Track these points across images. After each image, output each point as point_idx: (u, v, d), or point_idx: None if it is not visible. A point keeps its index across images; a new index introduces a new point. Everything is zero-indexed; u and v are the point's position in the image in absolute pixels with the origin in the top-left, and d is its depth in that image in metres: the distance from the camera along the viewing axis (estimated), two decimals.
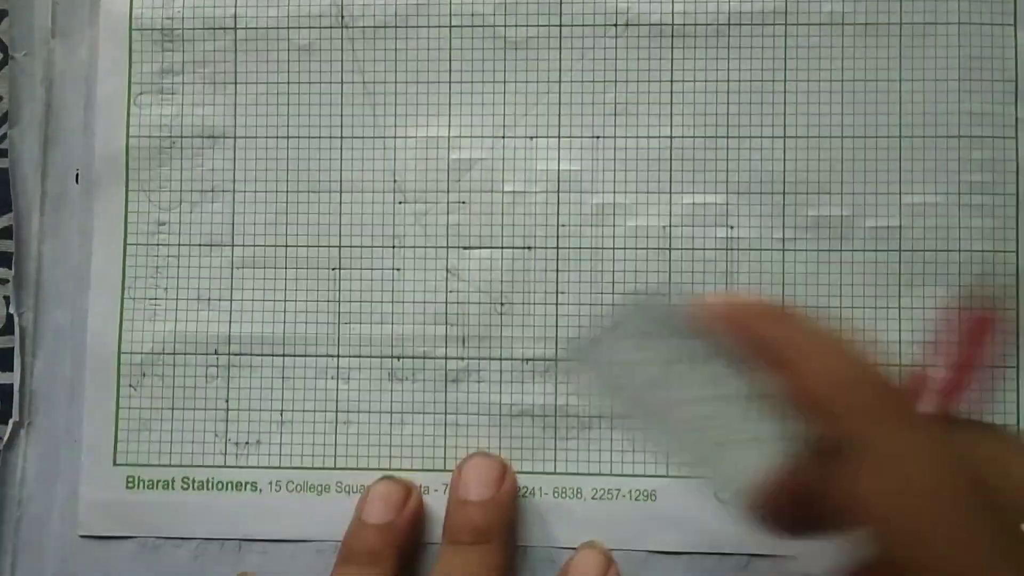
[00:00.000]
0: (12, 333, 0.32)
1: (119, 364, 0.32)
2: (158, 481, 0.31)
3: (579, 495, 0.30)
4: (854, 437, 0.19)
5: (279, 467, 0.31)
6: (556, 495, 0.30)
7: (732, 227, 0.30)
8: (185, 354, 0.32)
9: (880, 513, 0.18)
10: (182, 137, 0.32)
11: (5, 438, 0.32)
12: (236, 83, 0.32)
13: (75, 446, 0.32)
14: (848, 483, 0.18)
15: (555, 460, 0.30)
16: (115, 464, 0.32)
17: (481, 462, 0.30)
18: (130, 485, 0.32)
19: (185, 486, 0.31)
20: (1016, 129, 0.30)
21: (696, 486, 0.30)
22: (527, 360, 0.31)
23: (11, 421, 0.32)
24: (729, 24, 0.31)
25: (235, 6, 0.32)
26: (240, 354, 0.32)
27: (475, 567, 0.28)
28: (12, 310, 0.32)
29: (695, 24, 0.31)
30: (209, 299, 0.32)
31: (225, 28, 0.32)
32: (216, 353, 0.32)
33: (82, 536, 0.31)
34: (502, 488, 0.29)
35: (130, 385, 0.32)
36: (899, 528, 0.18)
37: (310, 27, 0.32)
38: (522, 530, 0.30)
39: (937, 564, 0.17)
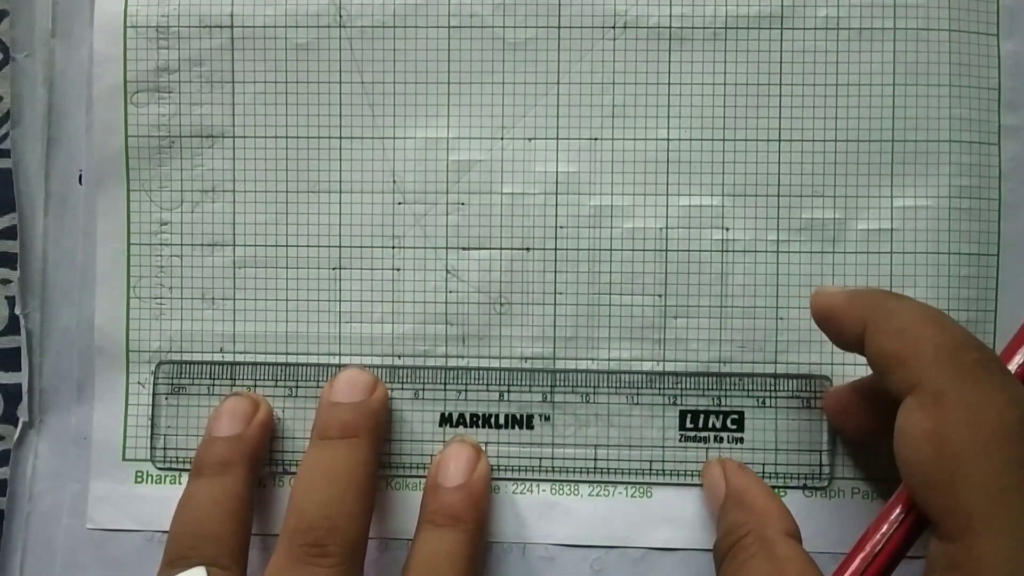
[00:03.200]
0: (17, 333, 0.33)
1: (127, 362, 0.32)
2: (165, 476, 0.32)
3: (576, 492, 0.31)
4: (942, 384, 0.22)
5: (282, 463, 0.32)
6: (553, 492, 0.31)
7: (727, 229, 0.31)
8: (192, 352, 0.32)
9: (950, 448, 0.21)
10: (180, 137, 0.32)
11: (15, 438, 0.33)
12: (234, 82, 0.32)
13: (84, 443, 0.32)
14: (920, 417, 0.22)
15: (552, 458, 0.31)
16: (124, 459, 0.32)
17: (458, 448, 0.31)
18: (138, 480, 0.32)
19: None
20: (999, 136, 0.31)
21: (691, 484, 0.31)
22: (526, 359, 0.31)
23: (21, 421, 0.33)
24: (726, 27, 0.31)
25: (231, 4, 0.32)
26: (244, 352, 0.32)
27: (451, 546, 0.29)
28: (18, 311, 0.33)
29: (692, 27, 0.31)
30: (213, 298, 0.32)
31: (221, 26, 0.32)
32: (222, 352, 0.32)
33: (90, 529, 0.32)
34: (474, 473, 0.30)
35: (139, 383, 0.32)
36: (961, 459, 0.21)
37: (307, 26, 0.32)
38: (520, 528, 0.31)
39: (978, 485, 0.20)
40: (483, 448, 0.31)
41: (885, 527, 0.23)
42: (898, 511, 0.23)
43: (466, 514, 0.29)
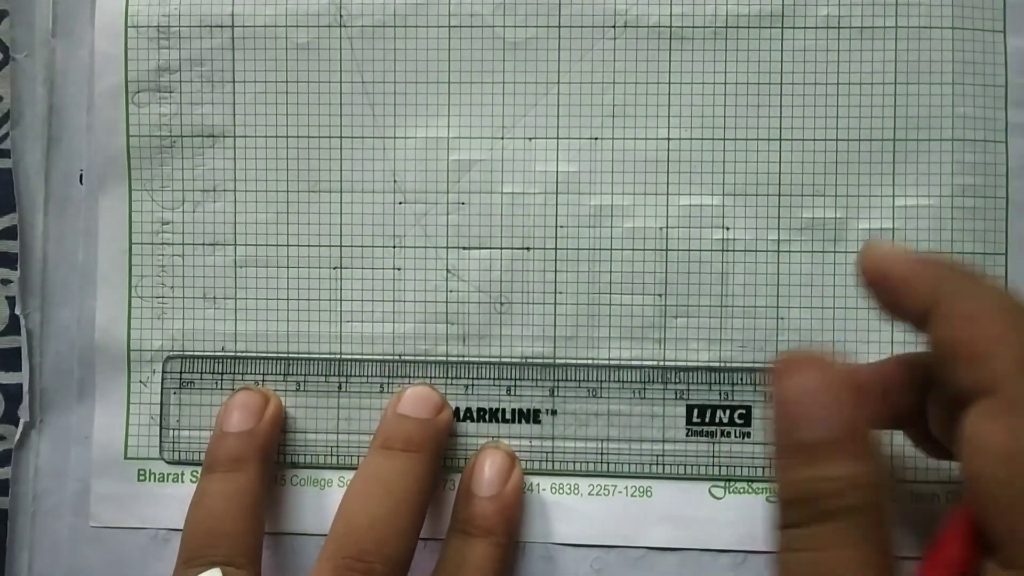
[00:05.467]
0: (17, 333, 0.33)
1: (129, 361, 0.32)
2: (168, 474, 0.32)
3: (576, 491, 0.31)
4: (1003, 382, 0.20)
5: (284, 463, 0.32)
6: (554, 491, 0.31)
7: (728, 228, 0.31)
8: (194, 351, 0.32)
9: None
10: (182, 136, 0.32)
11: (16, 438, 0.33)
12: (235, 82, 0.32)
13: (85, 442, 0.33)
14: (996, 430, 0.20)
15: (553, 457, 0.31)
16: (126, 458, 0.32)
17: (492, 456, 0.31)
18: (141, 478, 0.32)
19: (194, 479, 0.32)
20: (1006, 133, 0.30)
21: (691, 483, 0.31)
22: (526, 359, 0.31)
23: (22, 421, 0.33)
24: (727, 27, 0.31)
25: (232, 4, 0.32)
26: (246, 351, 0.32)
27: (481, 559, 0.29)
28: (18, 311, 0.33)
29: (693, 26, 0.31)
30: (215, 297, 0.32)
31: (222, 26, 0.32)
32: (223, 350, 0.32)
33: (94, 527, 0.32)
34: (508, 484, 0.30)
35: (140, 381, 0.32)
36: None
37: (308, 26, 0.32)
38: (520, 526, 0.31)
39: None
40: (517, 456, 0.31)
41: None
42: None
43: (498, 527, 0.29)
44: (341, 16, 0.32)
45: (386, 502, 0.28)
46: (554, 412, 0.31)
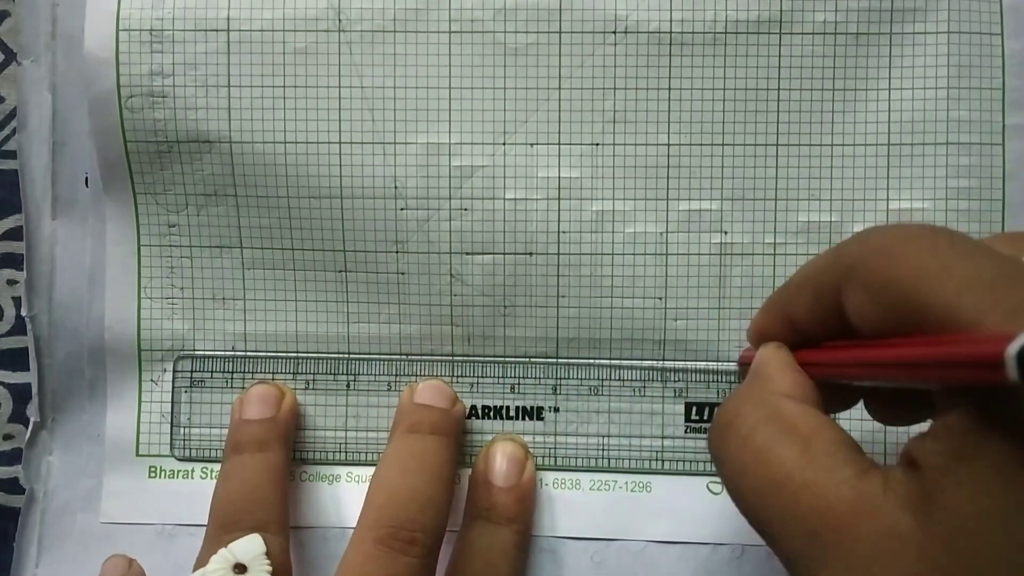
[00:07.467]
0: (23, 334, 0.33)
1: (140, 361, 0.33)
2: (178, 471, 0.33)
3: (577, 486, 0.32)
4: None
5: (295, 459, 0.33)
6: (556, 486, 0.32)
7: (726, 233, 0.32)
8: (204, 351, 0.33)
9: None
10: (178, 142, 0.32)
11: (26, 437, 0.33)
12: (230, 87, 0.32)
13: (97, 440, 0.33)
14: None
15: (555, 453, 0.32)
16: (137, 455, 0.33)
17: (507, 447, 0.32)
18: (152, 475, 0.33)
19: (204, 476, 0.33)
20: (1003, 136, 0.31)
21: (689, 479, 0.32)
22: (530, 359, 0.32)
23: (32, 421, 0.33)
24: (726, 32, 0.31)
25: (228, 7, 0.31)
26: (256, 351, 0.33)
27: (507, 545, 0.30)
28: (24, 312, 0.33)
29: (692, 32, 0.31)
30: (224, 298, 0.33)
31: (218, 30, 0.32)
32: (233, 350, 0.33)
33: (103, 523, 0.33)
34: (524, 474, 0.31)
35: (151, 380, 0.33)
36: None
37: (306, 30, 0.31)
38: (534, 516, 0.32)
39: None
40: (529, 447, 0.32)
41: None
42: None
43: (520, 515, 0.30)
44: (340, 20, 0.31)
45: (424, 475, 0.29)
46: (556, 409, 0.32)
